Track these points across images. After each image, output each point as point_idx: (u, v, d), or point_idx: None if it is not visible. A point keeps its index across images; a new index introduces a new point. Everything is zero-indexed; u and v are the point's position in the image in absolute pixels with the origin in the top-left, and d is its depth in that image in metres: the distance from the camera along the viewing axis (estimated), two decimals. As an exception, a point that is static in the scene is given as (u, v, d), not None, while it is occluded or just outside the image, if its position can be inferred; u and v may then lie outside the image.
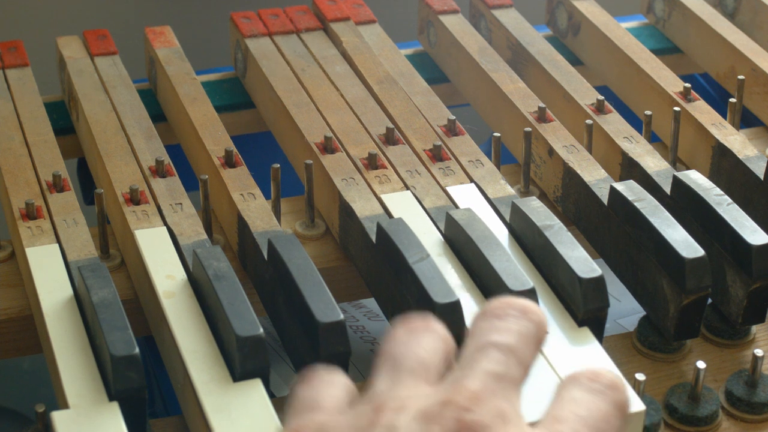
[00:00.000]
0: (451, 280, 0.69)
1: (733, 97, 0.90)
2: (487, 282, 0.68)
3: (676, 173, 0.77)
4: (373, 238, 0.73)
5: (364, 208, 0.78)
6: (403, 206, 0.78)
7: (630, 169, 0.83)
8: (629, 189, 0.74)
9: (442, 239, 0.74)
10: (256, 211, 0.78)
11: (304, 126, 0.87)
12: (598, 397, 0.51)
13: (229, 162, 0.82)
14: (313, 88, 0.92)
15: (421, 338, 0.53)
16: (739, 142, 0.84)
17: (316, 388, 0.53)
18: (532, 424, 0.50)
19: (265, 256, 0.72)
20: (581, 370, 0.53)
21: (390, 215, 0.77)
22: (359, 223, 0.76)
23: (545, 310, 0.67)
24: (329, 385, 0.53)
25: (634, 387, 0.62)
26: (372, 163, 0.82)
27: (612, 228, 0.75)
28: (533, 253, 0.72)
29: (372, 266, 0.74)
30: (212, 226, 0.81)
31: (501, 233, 0.74)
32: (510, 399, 0.50)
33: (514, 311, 0.53)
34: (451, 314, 0.64)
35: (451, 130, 0.87)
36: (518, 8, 1.04)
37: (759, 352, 0.67)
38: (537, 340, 0.53)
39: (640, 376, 0.64)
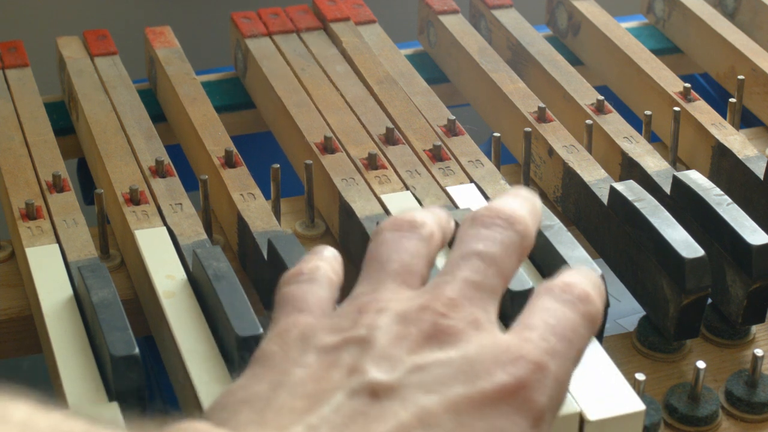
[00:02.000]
0: (451, 280, 0.69)
1: (733, 97, 0.90)
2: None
3: (676, 173, 0.77)
4: (373, 238, 0.73)
5: (364, 208, 0.78)
6: (403, 206, 0.78)
7: (630, 169, 0.83)
8: (629, 189, 0.74)
9: (442, 239, 0.73)
10: (256, 211, 0.78)
11: (304, 126, 0.87)
12: (569, 307, 0.52)
13: (229, 162, 0.82)
14: (313, 88, 0.92)
15: (406, 241, 0.55)
16: (739, 142, 0.84)
17: (303, 286, 0.54)
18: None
19: (265, 256, 0.72)
20: (555, 281, 0.53)
21: (390, 215, 0.77)
22: (359, 223, 0.76)
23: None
24: (315, 284, 0.54)
25: (634, 387, 0.62)
26: (372, 163, 0.82)
27: (612, 228, 0.75)
28: (533, 253, 0.72)
29: (372, 266, 0.74)
30: (212, 226, 0.81)
31: (501, 233, 0.74)
32: (486, 308, 0.51)
33: (500, 221, 0.54)
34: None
35: (451, 130, 0.87)
36: (518, 8, 1.04)
37: (759, 352, 0.67)
38: (521, 250, 0.54)
39: (640, 376, 0.64)
